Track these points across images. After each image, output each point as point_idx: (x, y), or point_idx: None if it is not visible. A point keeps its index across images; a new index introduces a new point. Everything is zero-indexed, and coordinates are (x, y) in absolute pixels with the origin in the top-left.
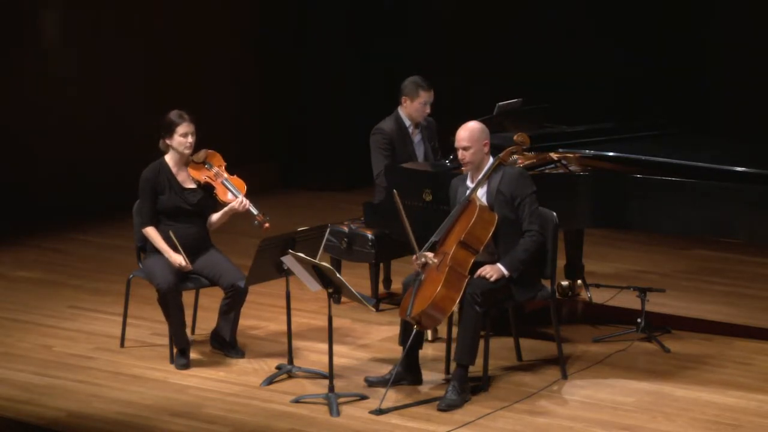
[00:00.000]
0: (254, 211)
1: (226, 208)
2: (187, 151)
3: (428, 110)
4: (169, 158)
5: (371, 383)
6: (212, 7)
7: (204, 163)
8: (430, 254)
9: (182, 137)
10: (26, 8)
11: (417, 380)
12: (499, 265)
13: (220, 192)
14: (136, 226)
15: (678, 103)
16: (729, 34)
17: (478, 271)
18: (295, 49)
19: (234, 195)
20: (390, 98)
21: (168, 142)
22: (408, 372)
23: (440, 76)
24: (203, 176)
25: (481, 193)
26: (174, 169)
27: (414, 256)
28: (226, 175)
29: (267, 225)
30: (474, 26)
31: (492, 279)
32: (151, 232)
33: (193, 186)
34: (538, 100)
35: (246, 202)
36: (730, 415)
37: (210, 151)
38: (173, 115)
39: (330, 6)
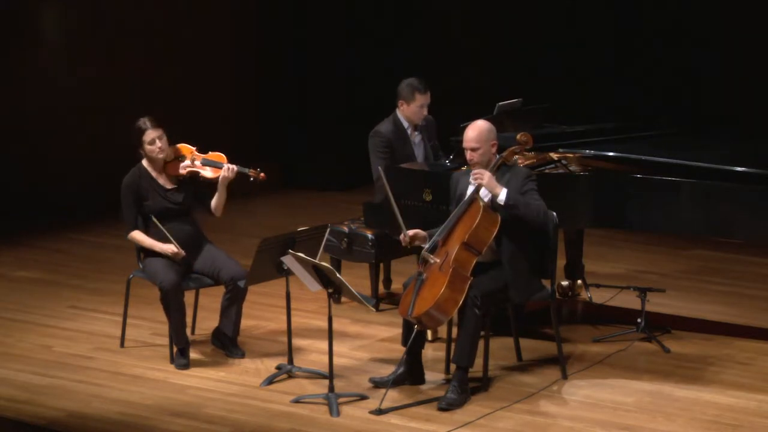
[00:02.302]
0: (245, 170)
1: (219, 183)
2: (160, 156)
3: (425, 112)
4: (146, 163)
5: (376, 383)
6: (212, 6)
7: (176, 159)
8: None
9: (150, 145)
10: (26, 8)
11: (419, 380)
12: (504, 188)
13: (206, 173)
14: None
15: (677, 102)
16: (728, 34)
17: (474, 172)
18: (294, 49)
19: (218, 168)
20: (391, 98)
21: (141, 150)
22: (410, 372)
23: (440, 75)
24: (182, 170)
25: (485, 193)
26: (153, 173)
27: (401, 235)
28: (201, 156)
29: (263, 176)
30: (475, 25)
31: (483, 179)
32: (136, 236)
33: (174, 186)
34: (538, 99)
35: (233, 167)
36: (730, 415)
37: (176, 146)
38: (139, 123)
39: (330, 5)
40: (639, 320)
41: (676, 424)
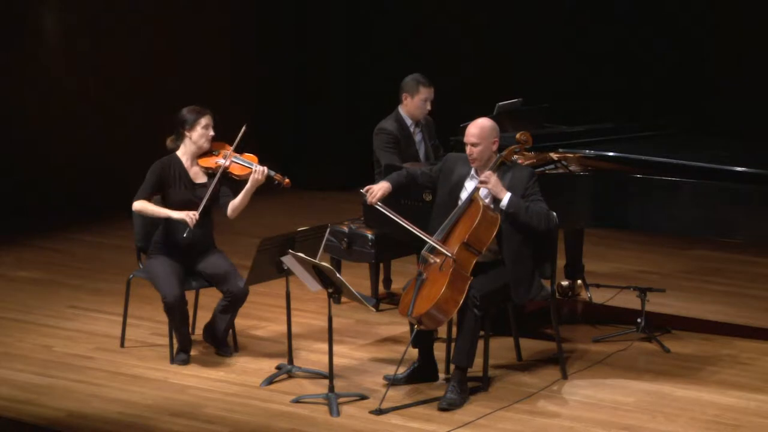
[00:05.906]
0: (272, 173)
1: (248, 184)
2: (206, 145)
3: (429, 107)
4: (182, 153)
5: (389, 381)
6: (211, 7)
7: (211, 152)
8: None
9: (204, 129)
10: (26, 8)
11: (433, 376)
12: (508, 192)
13: (236, 170)
14: (136, 225)
15: (677, 102)
16: (727, 33)
17: (482, 176)
18: (294, 49)
19: (249, 168)
20: (391, 97)
21: (188, 134)
22: (424, 368)
23: (440, 75)
24: (214, 162)
25: (485, 193)
26: (187, 164)
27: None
28: (236, 154)
29: (287, 181)
30: (475, 25)
31: (489, 183)
32: (140, 205)
33: (203, 181)
34: (538, 99)
35: (264, 169)
36: (730, 415)
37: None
38: (193, 108)
39: (329, 6)
40: (639, 320)
41: (676, 424)
